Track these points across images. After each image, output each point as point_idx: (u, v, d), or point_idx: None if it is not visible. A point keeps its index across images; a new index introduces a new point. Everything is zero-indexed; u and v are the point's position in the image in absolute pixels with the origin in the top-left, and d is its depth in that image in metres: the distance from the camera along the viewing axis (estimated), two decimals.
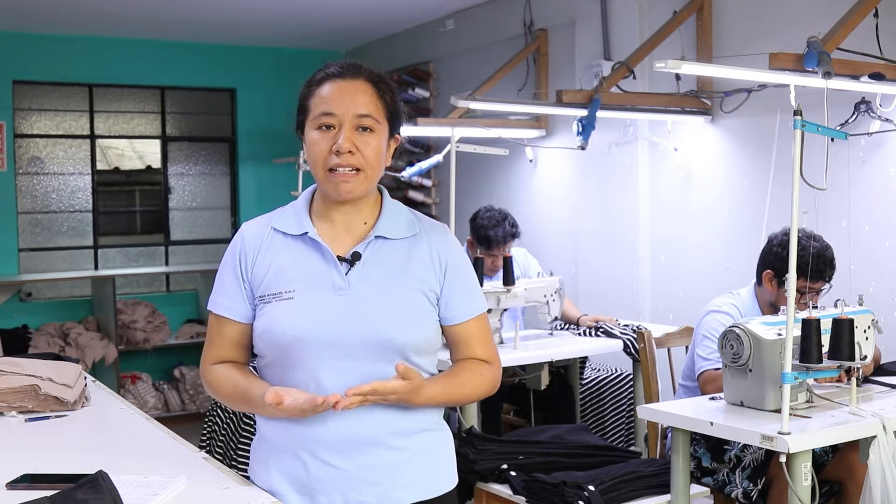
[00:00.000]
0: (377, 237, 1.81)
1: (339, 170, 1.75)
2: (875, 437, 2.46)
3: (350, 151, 1.75)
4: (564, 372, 4.31)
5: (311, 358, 1.74)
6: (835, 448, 2.96)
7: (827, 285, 3.19)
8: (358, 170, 1.76)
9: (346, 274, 1.78)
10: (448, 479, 1.87)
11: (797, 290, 2.81)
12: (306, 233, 1.81)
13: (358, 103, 1.76)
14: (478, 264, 3.91)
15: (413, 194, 6.61)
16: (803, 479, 2.38)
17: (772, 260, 3.25)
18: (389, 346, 1.74)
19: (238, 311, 1.83)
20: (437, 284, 1.82)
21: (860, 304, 2.80)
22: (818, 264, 3.08)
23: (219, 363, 1.87)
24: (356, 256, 1.79)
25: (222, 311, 1.85)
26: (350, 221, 1.83)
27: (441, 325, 1.85)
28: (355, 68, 1.81)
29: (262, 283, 1.81)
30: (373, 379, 1.72)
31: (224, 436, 4.12)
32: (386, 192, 1.90)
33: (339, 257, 1.79)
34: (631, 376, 4.43)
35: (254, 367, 1.90)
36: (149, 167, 7.32)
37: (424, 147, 6.51)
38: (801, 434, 2.39)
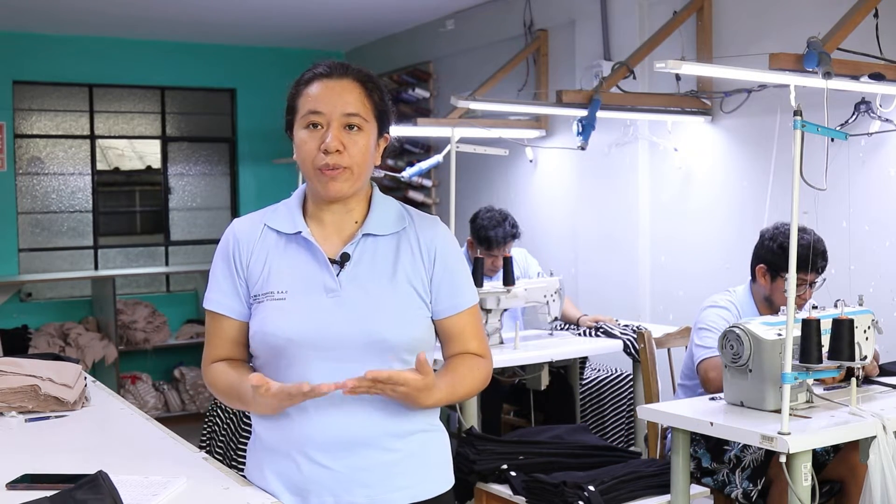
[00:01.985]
0: (365, 235, 1.81)
1: (327, 169, 1.75)
2: (875, 437, 2.46)
3: (338, 150, 1.74)
4: (564, 372, 4.31)
5: (302, 359, 1.74)
6: (836, 447, 2.96)
7: (821, 278, 3.20)
8: (346, 168, 1.75)
9: (338, 275, 1.77)
10: (443, 481, 1.86)
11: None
12: (299, 232, 1.81)
13: (346, 102, 1.76)
14: (478, 264, 3.91)
15: (413, 194, 6.61)
16: (803, 480, 2.38)
17: (764, 254, 3.26)
18: (381, 346, 1.74)
19: (234, 309, 1.83)
20: (426, 277, 1.81)
21: (860, 304, 2.80)
22: (810, 255, 3.08)
23: (218, 361, 1.86)
24: (345, 257, 1.78)
25: (219, 308, 1.84)
26: (340, 221, 1.83)
27: (432, 320, 1.83)
28: (343, 67, 1.80)
29: (257, 282, 1.80)
30: None
31: (224, 436, 4.12)
32: (376, 188, 1.89)
33: (329, 259, 1.78)
34: (631, 376, 4.43)
35: (254, 368, 1.90)
36: (149, 167, 7.32)
37: (424, 147, 6.51)
38: (801, 434, 2.39)
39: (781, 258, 3.10)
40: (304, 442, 1.75)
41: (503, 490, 3.04)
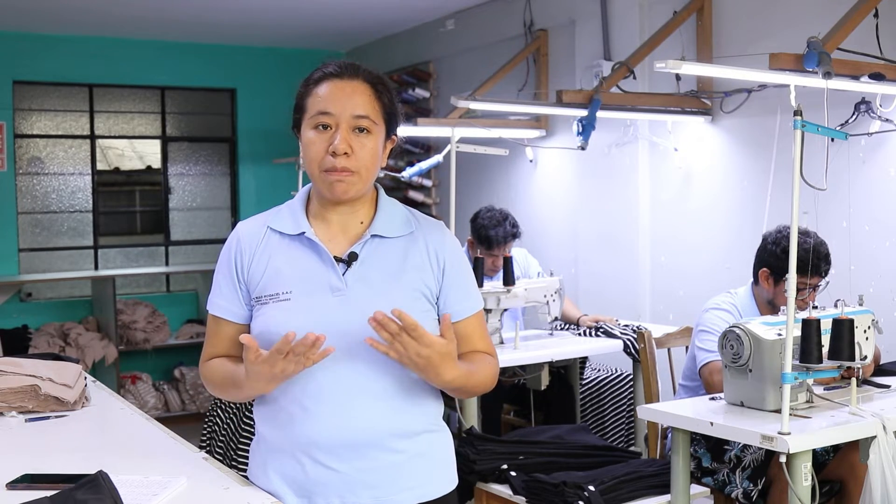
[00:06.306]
0: (373, 236, 1.81)
1: (334, 171, 1.75)
2: (875, 437, 2.46)
3: (346, 153, 1.74)
4: (564, 372, 4.31)
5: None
6: (836, 447, 2.96)
7: (824, 281, 3.20)
8: (353, 172, 1.75)
9: (344, 275, 1.77)
10: (448, 481, 1.87)
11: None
12: (303, 233, 1.81)
13: (355, 104, 1.75)
14: (478, 264, 3.91)
15: (413, 194, 6.61)
16: (803, 480, 2.38)
17: (767, 258, 3.26)
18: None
19: (234, 312, 1.83)
20: (435, 283, 1.81)
21: (860, 304, 2.80)
22: (813, 259, 3.08)
23: (215, 358, 1.87)
24: (353, 257, 1.78)
25: (219, 312, 1.85)
26: (346, 221, 1.83)
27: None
28: (353, 68, 1.80)
29: (259, 284, 1.80)
30: (371, 379, 1.73)
31: (224, 436, 4.12)
32: (382, 190, 1.89)
33: (335, 258, 1.78)
34: (631, 376, 4.43)
35: None
36: (149, 167, 7.32)
37: (424, 147, 6.51)
38: (801, 434, 2.39)
39: (785, 262, 3.08)
40: (308, 444, 1.75)
41: (503, 490, 3.04)
